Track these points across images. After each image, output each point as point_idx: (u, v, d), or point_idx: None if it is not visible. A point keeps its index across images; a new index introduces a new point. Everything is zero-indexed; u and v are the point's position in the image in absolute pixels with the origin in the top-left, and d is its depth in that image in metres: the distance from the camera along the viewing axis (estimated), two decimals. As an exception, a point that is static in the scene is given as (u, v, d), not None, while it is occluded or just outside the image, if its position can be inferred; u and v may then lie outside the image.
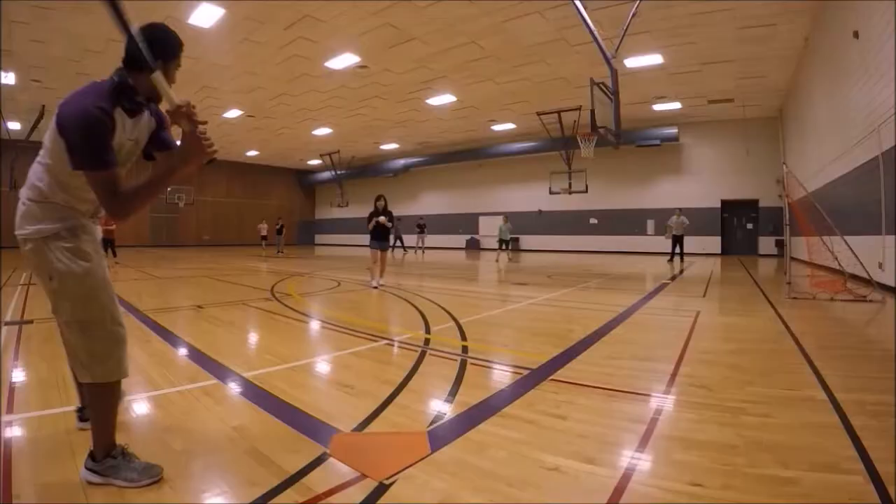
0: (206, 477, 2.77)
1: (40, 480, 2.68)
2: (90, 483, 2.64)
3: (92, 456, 2.68)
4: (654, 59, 18.26)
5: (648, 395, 4.05)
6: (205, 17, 15.57)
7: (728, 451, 2.96)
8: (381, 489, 2.54)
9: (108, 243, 19.79)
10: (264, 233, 36.03)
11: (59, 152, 2.49)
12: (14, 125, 28.35)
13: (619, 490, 2.53)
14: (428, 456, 2.94)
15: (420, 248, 32.15)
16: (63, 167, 2.50)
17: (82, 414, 3.32)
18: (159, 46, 2.68)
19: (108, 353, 2.68)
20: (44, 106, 25.19)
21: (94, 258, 2.72)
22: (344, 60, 19.25)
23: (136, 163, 2.92)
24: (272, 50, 18.38)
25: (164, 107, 2.91)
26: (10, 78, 20.79)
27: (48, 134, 2.53)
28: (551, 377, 4.55)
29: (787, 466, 2.76)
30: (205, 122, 2.65)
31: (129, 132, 2.70)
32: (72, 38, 17.29)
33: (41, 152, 2.62)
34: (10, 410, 3.73)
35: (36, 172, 2.62)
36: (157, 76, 2.60)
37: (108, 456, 2.66)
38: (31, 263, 2.63)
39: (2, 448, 3.05)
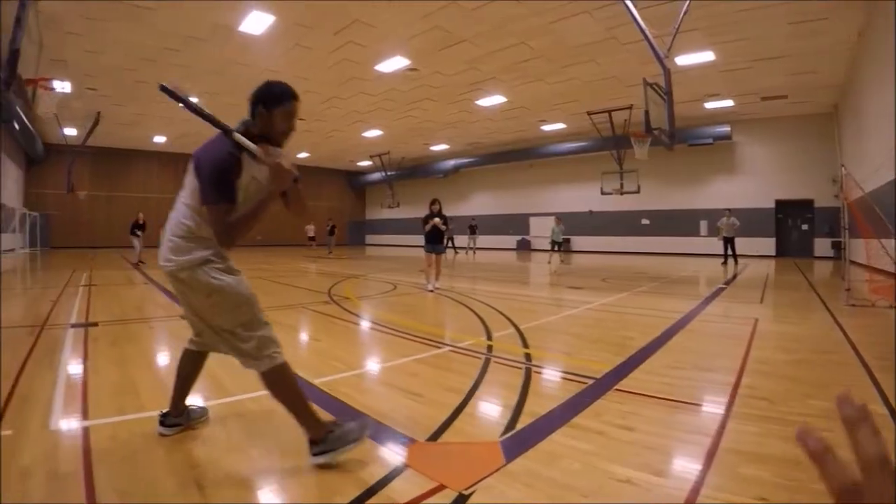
0: (286, 486, 2.88)
1: (121, 486, 2.80)
2: (321, 466, 2.99)
3: (313, 442, 3.07)
4: (706, 56, 17.93)
5: (711, 407, 4.05)
6: (255, 24, 15.97)
7: (792, 466, 2.94)
8: (462, 500, 2.61)
9: None
10: (311, 234, 37.02)
11: (197, 192, 2.93)
12: (71, 131, 29.27)
13: (689, 502, 2.57)
14: (502, 467, 3.00)
15: (472, 248, 32.17)
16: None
17: (165, 419, 3.52)
18: (259, 94, 3.12)
19: (270, 339, 3.15)
20: (99, 112, 26.27)
21: (239, 272, 3.25)
22: (394, 64, 19.42)
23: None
24: (322, 55, 18.65)
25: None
26: (66, 87, 21.47)
27: (188, 178, 3.01)
28: (616, 387, 4.57)
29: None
30: (283, 158, 3.00)
31: (256, 172, 3.09)
32: (126, 48, 17.91)
33: (183, 194, 3.08)
34: (85, 416, 3.87)
35: (182, 212, 3.09)
36: (235, 136, 2.95)
37: (328, 432, 3.07)
38: (188, 287, 3.12)
39: (81, 453, 3.20)
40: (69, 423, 3.75)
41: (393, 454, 3.22)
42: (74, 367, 5.32)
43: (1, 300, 8.92)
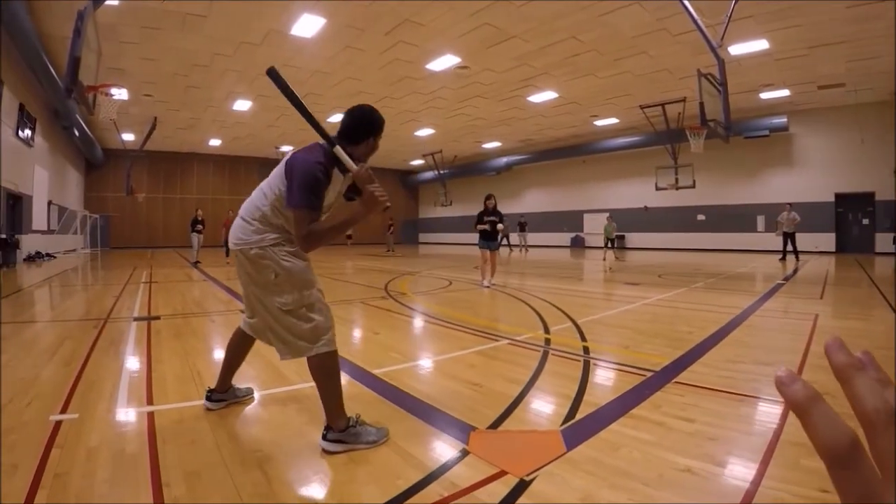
0: (349, 470, 2.94)
1: (187, 468, 2.89)
2: (329, 452, 3.07)
3: (330, 427, 3.18)
4: (760, 44, 17.44)
5: (772, 401, 3.97)
6: (307, 27, 16.29)
7: None
8: (523, 485, 2.63)
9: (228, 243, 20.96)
10: (349, 232, 37.28)
11: (281, 189, 3.12)
12: (128, 136, 30.33)
13: (750, 493, 2.55)
14: (564, 454, 3.02)
15: (523, 246, 32.09)
16: (282, 201, 3.19)
17: (211, 395, 3.79)
18: (367, 124, 3.34)
19: (327, 326, 3.32)
20: (156, 118, 27.09)
21: (308, 260, 3.40)
22: (445, 62, 19.53)
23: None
24: (373, 55, 18.86)
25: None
26: (123, 94, 22.24)
27: (276, 172, 3.24)
28: (675, 380, 4.53)
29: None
30: (377, 185, 3.14)
31: (341, 185, 3.37)
32: (179, 55, 18.52)
33: (266, 182, 3.31)
34: (150, 402, 4.04)
35: (259, 198, 3.32)
36: (338, 150, 3.12)
37: (349, 426, 3.19)
38: (255, 266, 3.28)
39: (147, 437, 3.33)
40: (135, 408, 3.91)
41: (454, 441, 3.25)
42: (138, 357, 5.51)
43: (1, 300, 9.19)
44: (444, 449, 3.16)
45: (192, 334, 6.79)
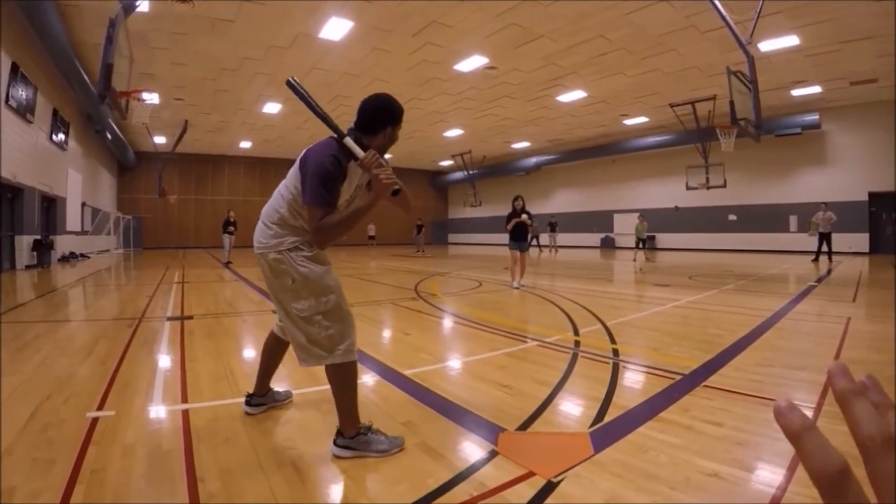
0: (380, 468, 2.99)
1: (221, 465, 2.96)
2: (339, 458, 3.06)
3: (341, 433, 3.17)
4: (790, 40, 17.11)
5: (801, 405, 3.90)
6: (334, 30, 16.43)
7: None
8: (550, 487, 2.66)
9: None
10: (372, 233, 39.11)
11: (297, 188, 3.10)
12: (160, 139, 30.86)
13: (776, 499, 2.55)
14: (592, 457, 3.03)
15: (553, 246, 32.01)
16: (299, 200, 3.16)
17: (251, 399, 3.80)
18: (384, 113, 3.28)
19: (345, 335, 3.25)
20: (186, 121, 27.56)
21: (329, 262, 3.36)
22: (472, 63, 19.54)
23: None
24: (401, 57, 18.94)
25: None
26: (154, 98, 22.70)
27: (292, 171, 3.18)
28: (704, 383, 4.51)
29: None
30: (385, 167, 3.05)
31: (360, 178, 3.32)
32: (208, 60, 18.84)
33: (283, 184, 3.26)
34: (184, 400, 4.14)
35: (277, 201, 3.28)
36: (347, 140, 3.09)
37: (359, 433, 3.15)
38: (273, 269, 3.26)
39: (182, 435, 3.40)
40: (169, 406, 4.01)
41: (483, 442, 3.28)
42: (172, 356, 5.63)
43: (1, 302, 9.36)
44: (473, 449, 3.19)
45: (224, 334, 6.91)
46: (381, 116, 3.26)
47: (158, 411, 3.91)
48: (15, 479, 2.71)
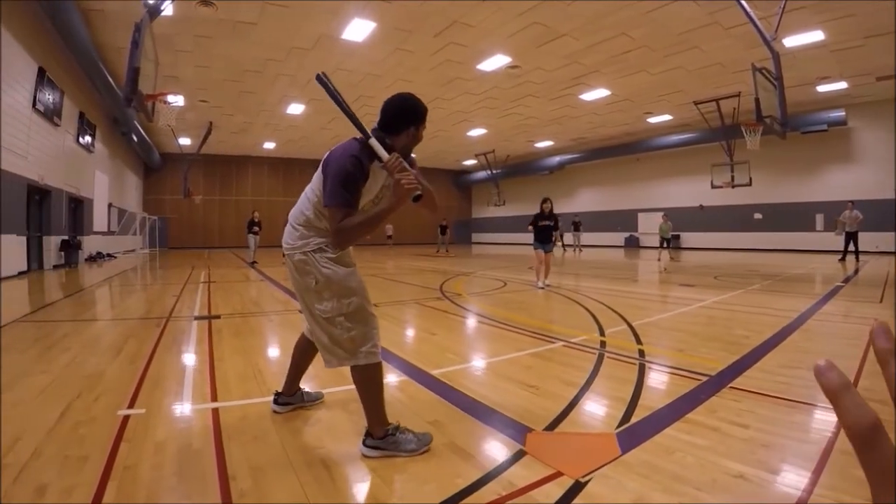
0: (408, 468, 3.01)
1: (252, 463, 3.01)
2: (368, 458, 3.07)
3: (370, 434, 3.17)
4: (815, 35, 16.80)
5: (827, 408, 3.83)
6: (357, 31, 16.51)
7: None
8: (578, 487, 2.67)
9: None
10: (390, 233, 39.46)
11: (321, 190, 3.12)
12: (185, 140, 31.29)
13: (801, 501, 2.54)
14: (619, 457, 3.04)
15: (577, 246, 31.92)
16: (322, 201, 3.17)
17: (278, 398, 3.85)
18: (407, 113, 3.27)
19: (367, 337, 3.25)
20: (211, 122, 27.78)
21: (354, 264, 3.37)
22: (495, 62, 19.54)
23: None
24: (424, 57, 19.00)
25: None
26: (179, 101, 23.13)
27: (316, 174, 3.20)
28: (730, 385, 4.49)
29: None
30: (408, 172, 3.04)
31: (386, 179, 3.29)
32: (231, 62, 19.04)
33: (308, 187, 3.29)
34: (213, 398, 4.20)
35: (304, 202, 3.36)
36: (371, 141, 3.08)
37: (387, 434, 3.15)
38: (299, 270, 3.30)
39: (212, 434, 3.45)
40: (199, 405, 4.07)
41: (511, 441, 3.29)
42: (200, 355, 5.71)
43: (1, 304, 9.47)
44: (501, 449, 3.21)
45: (251, 333, 6.99)
46: (403, 116, 3.25)
47: (188, 409, 3.98)
48: (47, 477, 2.76)
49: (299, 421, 3.75)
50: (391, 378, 4.73)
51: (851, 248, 19.85)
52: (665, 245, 24.03)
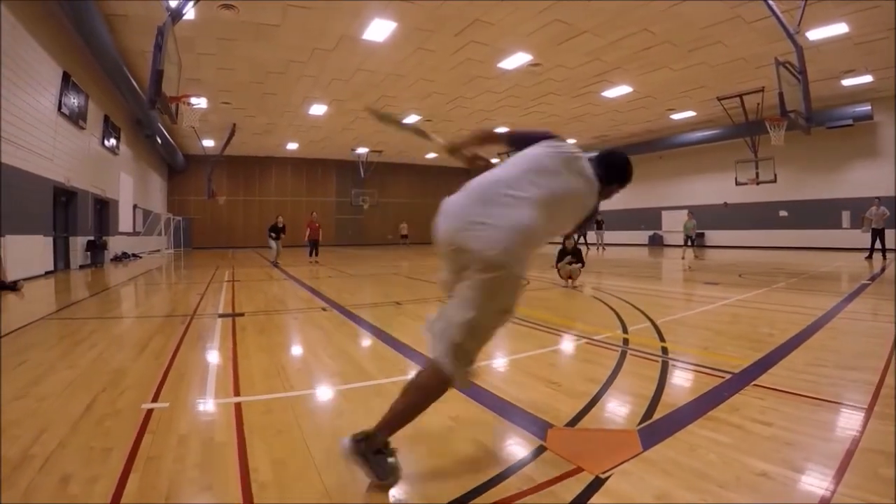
0: (431, 461, 3.04)
1: (274, 456, 3.05)
2: (346, 453, 2.71)
3: (368, 437, 2.73)
4: (839, 28, 16.47)
5: (853, 406, 3.86)
6: (378, 31, 16.59)
7: None
8: (598, 482, 2.66)
9: (314, 244, 22.55)
10: (405, 232, 40.35)
11: None
12: (209, 142, 31.69)
13: (825, 500, 2.51)
14: (640, 454, 3.03)
15: (600, 244, 31.83)
16: None
17: None
18: (624, 175, 3.40)
19: (468, 352, 2.88)
20: (234, 124, 28.12)
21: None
22: (516, 60, 19.53)
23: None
24: (445, 56, 19.02)
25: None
26: (202, 103, 23.41)
27: None
28: (754, 382, 4.46)
29: None
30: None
31: None
32: (254, 64, 19.23)
33: None
34: (237, 393, 4.26)
35: None
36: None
37: (382, 448, 2.74)
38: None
39: (233, 429, 3.43)
40: (223, 399, 4.13)
41: (532, 437, 3.30)
42: (224, 352, 5.79)
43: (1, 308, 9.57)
44: (522, 445, 3.21)
45: (275, 331, 7.09)
46: (618, 174, 3.38)
47: (212, 404, 4.04)
48: (71, 467, 2.83)
49: (320, 415, 3.82)
50: (411, 376, 4.70)
51: (878, 245, 19.56)
52: (689, 243, 23.84)
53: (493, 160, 3.38)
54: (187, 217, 38.60)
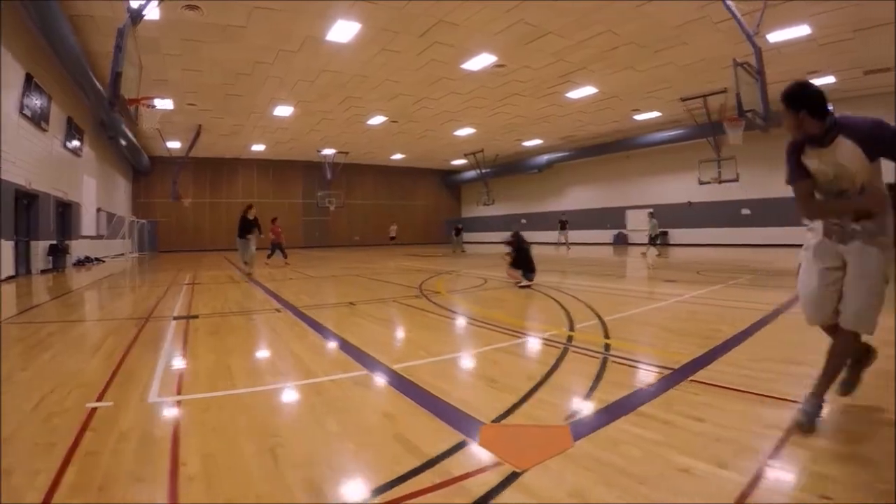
0: (355, 456, 3.11)
1: (205, 450, 3.17)
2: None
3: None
4: (802, 30, 16.78)
5: (789, 401, 3.89)
6: (342, 32, 16.54)
7: (865, 464, 2.87)
8: (514, 477, 2.73)
9: (277, 246, 21.98)
10: (393, 234, 40.13)
11: None
12: (174, 144, 31.52)
13: (744, 496, 2.55)
14: (565, 450, 3.09)
15: (563, 244, 32.05)
16: None
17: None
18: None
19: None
20: (200, 125, 27.80)
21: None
22: (481, 61, 19.59)
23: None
24: (410, 57, 19.05)
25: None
26: (168, 104, 23.27)
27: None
28: (691, 378, 4.54)
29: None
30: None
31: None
32: (220, 65, 19.08)
33: None
34: (179, 392, 4.39)
35: None
36: None
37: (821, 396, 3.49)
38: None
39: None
40: (166, 398, 4.22)
41: (459, 433, 3.36)
42: (174, 353, 5.85)
43: (1, 303, 9.53)
44: (446, 440, 3.26)
45: (227, 332, 7.09)
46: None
47: (155, 402, 4.11)
48: (16, 462, 2.98)
49: (258, 413, 3.87)
50: (353, 374, 4.85)
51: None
52: (652, 242, 24.15)
53: None
54: (153, 220, 38.28)
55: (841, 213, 3.43)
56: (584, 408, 3.88)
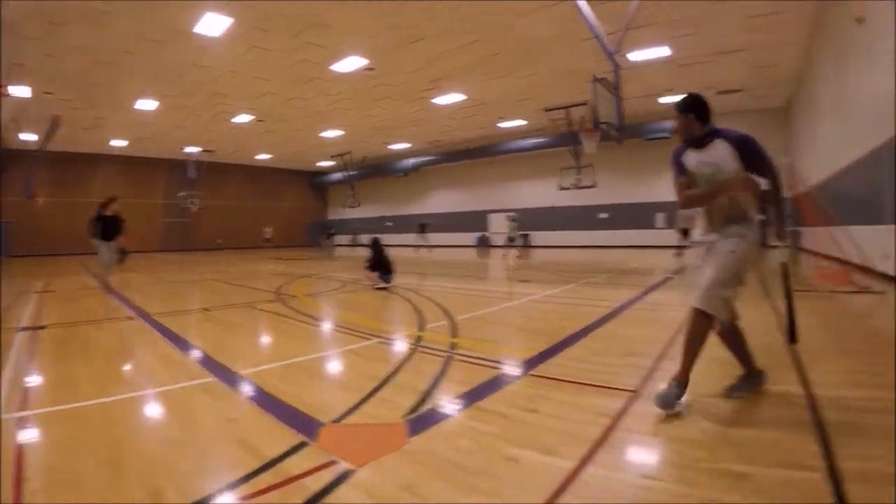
0: (196, 462, 3.14)
1: (48, 464, 3.13)
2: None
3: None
4: (662, 51, 18.05)
5: (622, 391, 4.15)
6: (212, 26, 15.87)
7: (690, 445, 3.14)
8: (348, 474, 2.84)
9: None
10: (268, 235, 40.55)
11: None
12: (30, 136, 29.07)
13: (568, 480, 2.73)
14: (402, 446, 3.23)
15: (423, 246, 32.54)
16: None
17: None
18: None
19: (727, 301, 3.92)
20: (58, 116, 25.73)
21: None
22: (351, 63, 19.48)
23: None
24: (281, 56, 18.69)
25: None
26: (25, 91, 21.37)
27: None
28: (531, 372, 4.80)
29: (746, 462, 2.88)
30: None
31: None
32: (85, 51, 17.76)
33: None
34: (23, 407, 4.17)
35: None
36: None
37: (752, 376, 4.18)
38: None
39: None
40: (10, 413, 4.00)
41: (300, 435, 3.43)
42: (18, 366, 5.54)
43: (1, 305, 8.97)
44: (287, 442, 3.32)
45: (74, 342, 6.82)
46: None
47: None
48: None
49: (101, 425, 3.78)
50: (200, 381, 4.82)
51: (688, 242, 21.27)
52: (512, 244, 24.94)
53: None
54: (2, 221, 35.46)
55: (712, 195, 4.02)
56: (424, 404, 4.02)
